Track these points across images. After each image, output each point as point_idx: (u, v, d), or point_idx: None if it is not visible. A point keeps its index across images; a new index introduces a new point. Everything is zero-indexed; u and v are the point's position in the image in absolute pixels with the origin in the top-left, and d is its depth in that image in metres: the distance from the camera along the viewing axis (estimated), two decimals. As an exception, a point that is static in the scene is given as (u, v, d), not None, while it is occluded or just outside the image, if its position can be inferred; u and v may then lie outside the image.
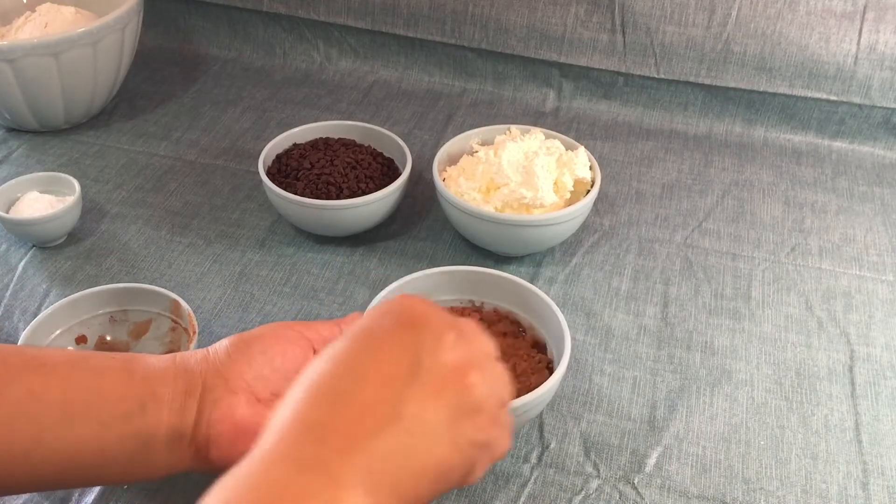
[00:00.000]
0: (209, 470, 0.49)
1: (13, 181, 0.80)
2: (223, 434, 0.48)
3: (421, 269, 0.68)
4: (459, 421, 0.41)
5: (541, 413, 0.64)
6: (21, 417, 0.45)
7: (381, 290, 0.65)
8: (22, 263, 0.78)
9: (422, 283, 0.66)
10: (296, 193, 0.77)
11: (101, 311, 0.67)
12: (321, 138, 0.85)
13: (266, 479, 0.36)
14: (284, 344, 0.51)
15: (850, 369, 0.69)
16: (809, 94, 0.96)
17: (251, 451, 0.38)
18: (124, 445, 0.47)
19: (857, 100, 0.95)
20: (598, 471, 0.61)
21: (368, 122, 0.89)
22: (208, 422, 0.48)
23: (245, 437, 0.48)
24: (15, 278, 0.76)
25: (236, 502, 0.34)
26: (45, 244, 0.79)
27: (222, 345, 0.51)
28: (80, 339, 0.66)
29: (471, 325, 0.45)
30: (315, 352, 0.52)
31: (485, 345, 0.45)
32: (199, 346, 0.61)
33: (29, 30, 0.93)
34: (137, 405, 0.47)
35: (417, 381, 0.40)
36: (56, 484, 0.51)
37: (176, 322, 0.66)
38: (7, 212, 0.78)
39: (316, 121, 0.87)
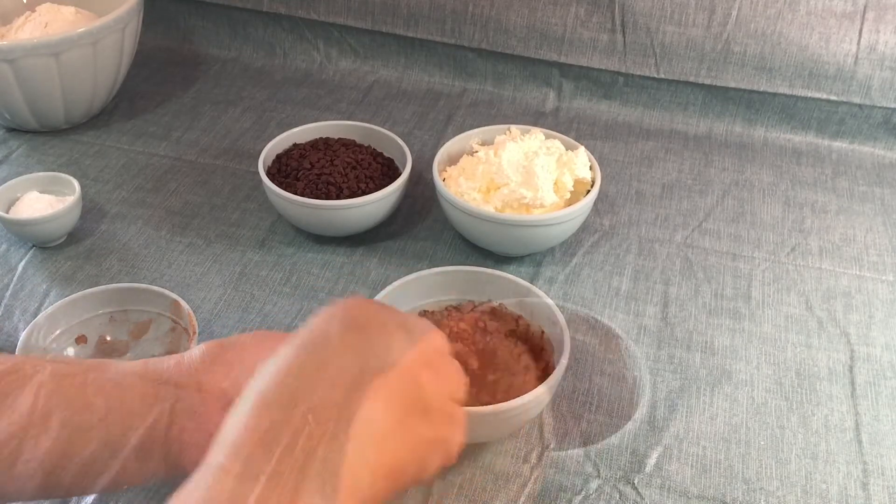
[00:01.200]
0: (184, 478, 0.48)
1: (13, 181, 0.80)
2: (196, 441, 0.46)
3: (421, 269, 0.68)
4: (410, 419, 0.41)
5: (541, 413, 0.64)
6: None
7: (381, 290, 0.65)
8: (22, 263, 0.78)
9: (421, 283, 0.66)
10: (296, 193, 0.77)
11: (101, 311, 0.67)
12: (321, 138, 0.85)
13: (221, 492, 0.35)
14: (265, 352, 0.49)
15: (850, 369, 0.69)
16: (809, 94, 0.96)
17: (202, 463, 0.37)
18: (91, 454, 0.46)
19: (857, 100, 0.95)
20: (598, 471, 0.61)
21: (368, 122, 0.89)
22: (180, 429, 0.47)
23: None
24: (15, 278, 0.76)
25: None
26: (45, 244, 0.79)
27: (197, 350, 0.50)
28: (81, 339, 0.66)
29: (421, 323, 0.45)
30: None
31: (435, 342, 0.45)
32: (199, 346, 0.61)
33: (29, 30, 0.93)
34: (104, 413, 0.46)
35: (366, 384, 0.40)
36: (18, 495, 0.49)
37: (176, 322, 0.66)
38: (7, 212, 0.78)
39: (316, 121, 0.87)
